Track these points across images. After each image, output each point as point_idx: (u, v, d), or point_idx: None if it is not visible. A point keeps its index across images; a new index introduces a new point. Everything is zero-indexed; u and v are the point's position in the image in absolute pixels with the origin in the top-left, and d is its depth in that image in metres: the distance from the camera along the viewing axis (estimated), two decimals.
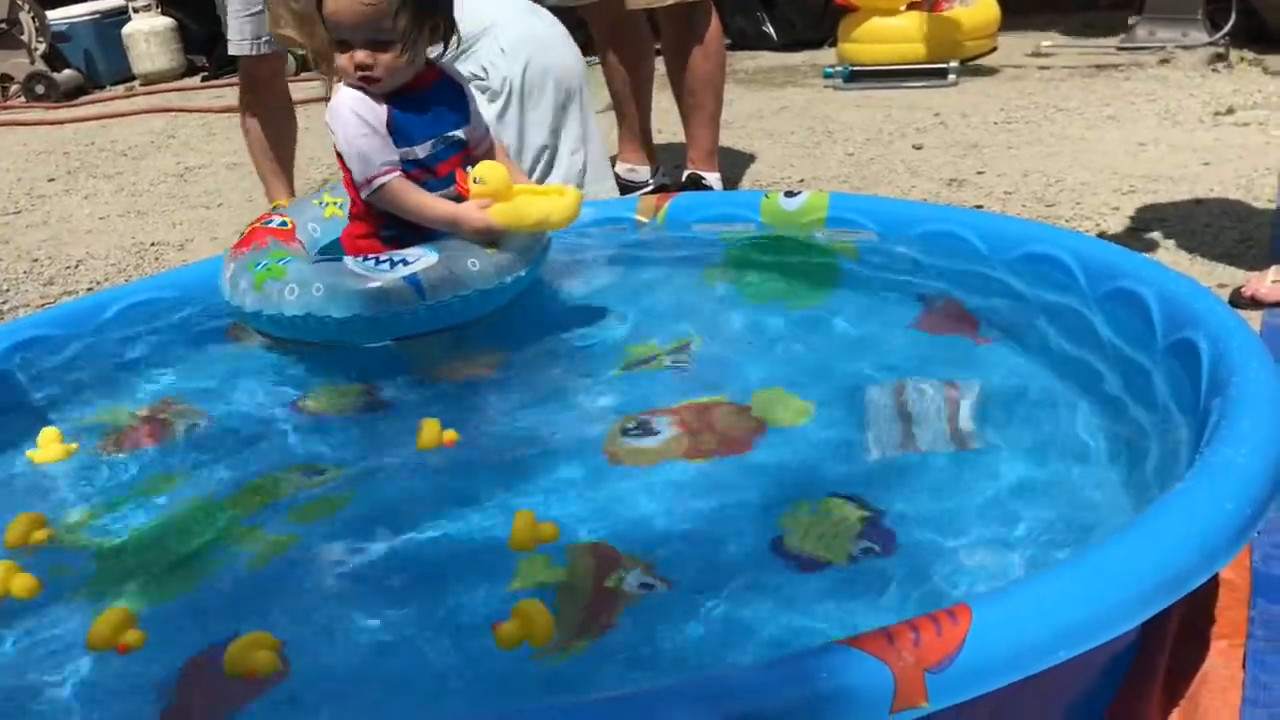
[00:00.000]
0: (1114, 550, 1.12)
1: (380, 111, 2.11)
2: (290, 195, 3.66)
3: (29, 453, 1.94)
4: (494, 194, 2.10)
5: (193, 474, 1.84)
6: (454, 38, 2.22)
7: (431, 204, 2.14)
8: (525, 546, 1.51)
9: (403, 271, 2.02)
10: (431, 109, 2.17)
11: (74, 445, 1.95)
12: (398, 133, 2.13)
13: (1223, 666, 1.37)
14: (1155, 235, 3.02)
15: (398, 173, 2.12)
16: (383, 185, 2.11)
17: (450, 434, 1.84)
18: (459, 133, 2.21)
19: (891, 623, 1.02)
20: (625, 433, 1.81)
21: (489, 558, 1.51)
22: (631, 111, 3.73)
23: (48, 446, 1.94)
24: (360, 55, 2.07)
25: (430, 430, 1.84)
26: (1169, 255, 2.85)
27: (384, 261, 2.05)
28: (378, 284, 2.02)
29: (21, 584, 1.54)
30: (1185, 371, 1.55)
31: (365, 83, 2.10)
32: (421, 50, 2.13)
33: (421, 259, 2.05)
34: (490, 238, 2.11)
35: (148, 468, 1.88)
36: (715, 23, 3.50)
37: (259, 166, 3.60)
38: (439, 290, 2.03)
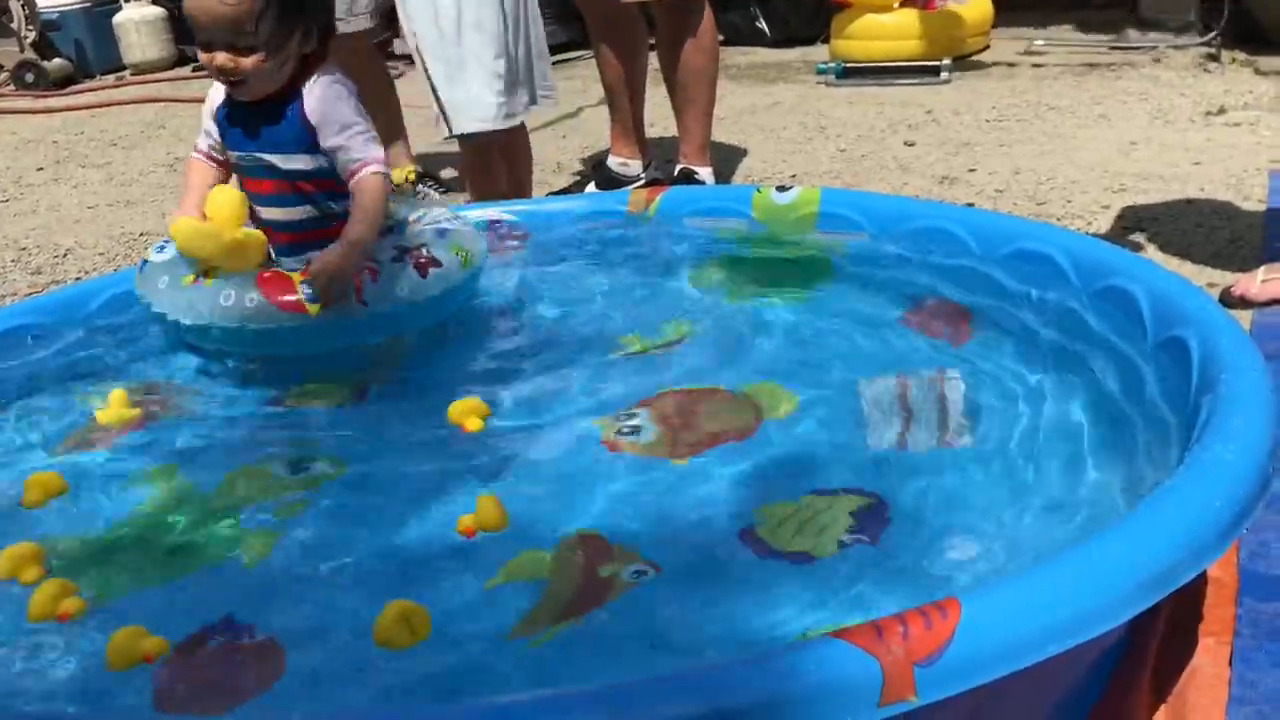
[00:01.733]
0: (1103, 546, 1.12)
1: (216, 100, 2.09)
2: None
3: (98, 412, 1.95)
4: (211, 218, 2.01)
5: (179, 465, 1.83)
6: (327, 41, 2.06)
7: (182, 197, 2.13)
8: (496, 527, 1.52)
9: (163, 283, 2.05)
10: (257, 123, 2.04)
11: (138, 410, 1.98)
12: (217, 125, 2.09)
13: (1210, 664, 1.38)
14: (1145, 234, 3.02)
15: (194, 154, 2.13)
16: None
17: (477, 421, 1.83)
18: (270, 158, 2.04)
19: (880, 616, 1.02)
20: (618, 426, 1.81)
21: (476, 549, 1.51)
22: (624, 105, 3.72)
23: (114, 408, 1.97)
24: (220, 58, 1.95)
25: (462, 407, 1.84)
26: (1159, 254, 2.85)
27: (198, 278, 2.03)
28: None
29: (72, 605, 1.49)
30: (1175, 369, 1.55)
31: (230, 87, 2.01)
32: (291, 55, 1.99)
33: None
34: (189, 254, 2.01)
35: (133, 458, 1.87)
36: (708, 16, 3.50)
37: None
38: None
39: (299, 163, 2.03)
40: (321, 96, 2.01)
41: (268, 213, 2.07)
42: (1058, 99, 4.76)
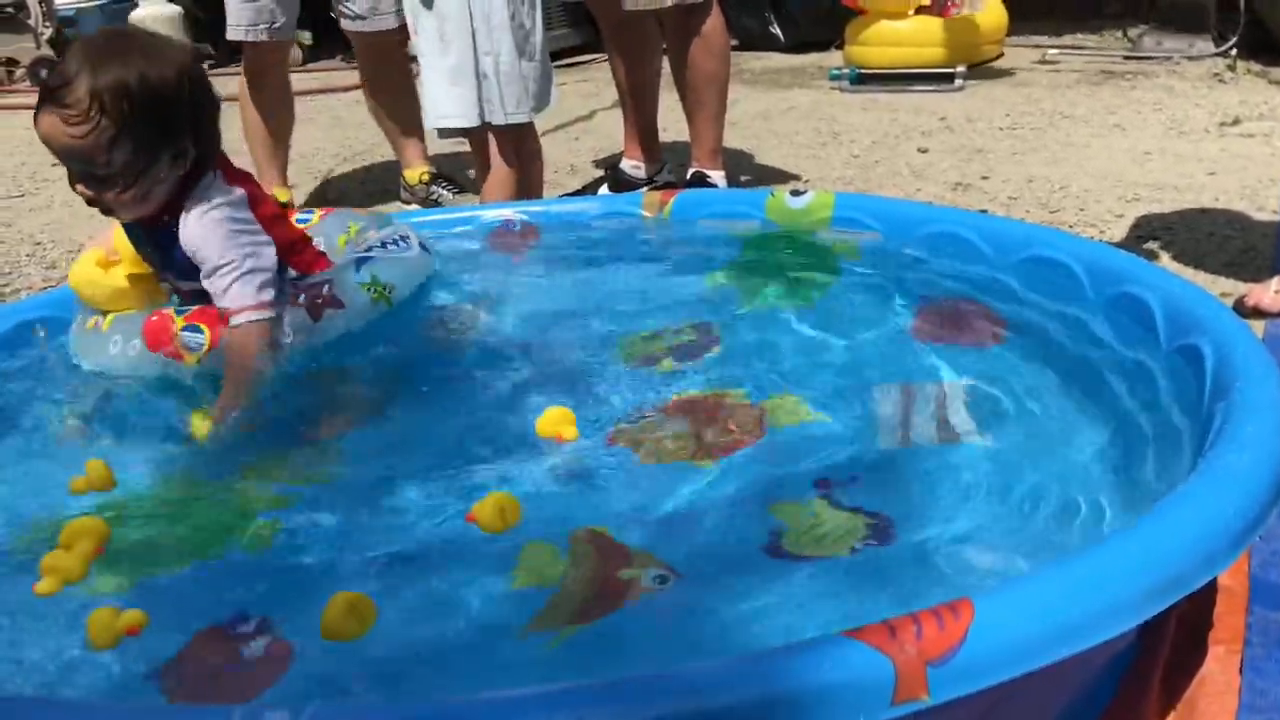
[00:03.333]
0: (1116, 549, 1.12)
1: None
2: (283, 184, 3.72)
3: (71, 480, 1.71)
4: (118, 251, 1.98)
5: (181, 457, 1.84)
6: (212, 156, 1.85)
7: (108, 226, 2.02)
8: (493, 527, 1.49)
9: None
10: (153, 242, 1.90)
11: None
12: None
13: (1220, 672, 1.38)
14: (1159, 243, 3.02)
15: None
16: None
17: (571, 430, 1.76)
18: (171, 279, 1.93)
19: (893, 616, 1.02)
20: (632, 430, 1.81)
21: (491, 548, 1.51)
22: (638, 108, 3.73)
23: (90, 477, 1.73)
24: (80, 189, 1.78)
25: (554, 417, 1.77)
26: (1172, 263, 2.85)
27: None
28: None
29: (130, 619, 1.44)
30: (1189, 376, 1.55)
31: (103, 213, 1.84)
32: (161, 180, 1.79)
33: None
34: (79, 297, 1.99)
35: (135, 451, 1.88)
36: (718, 20, 3.50)
37: (253, 153, 3.65)
38: None
39: (198, 285, 1.86)
40: (193, 232, 1.81)
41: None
42: (1072, 107, 4.76)
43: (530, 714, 0.92)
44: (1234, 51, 5.41)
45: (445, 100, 2.95)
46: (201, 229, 1.80)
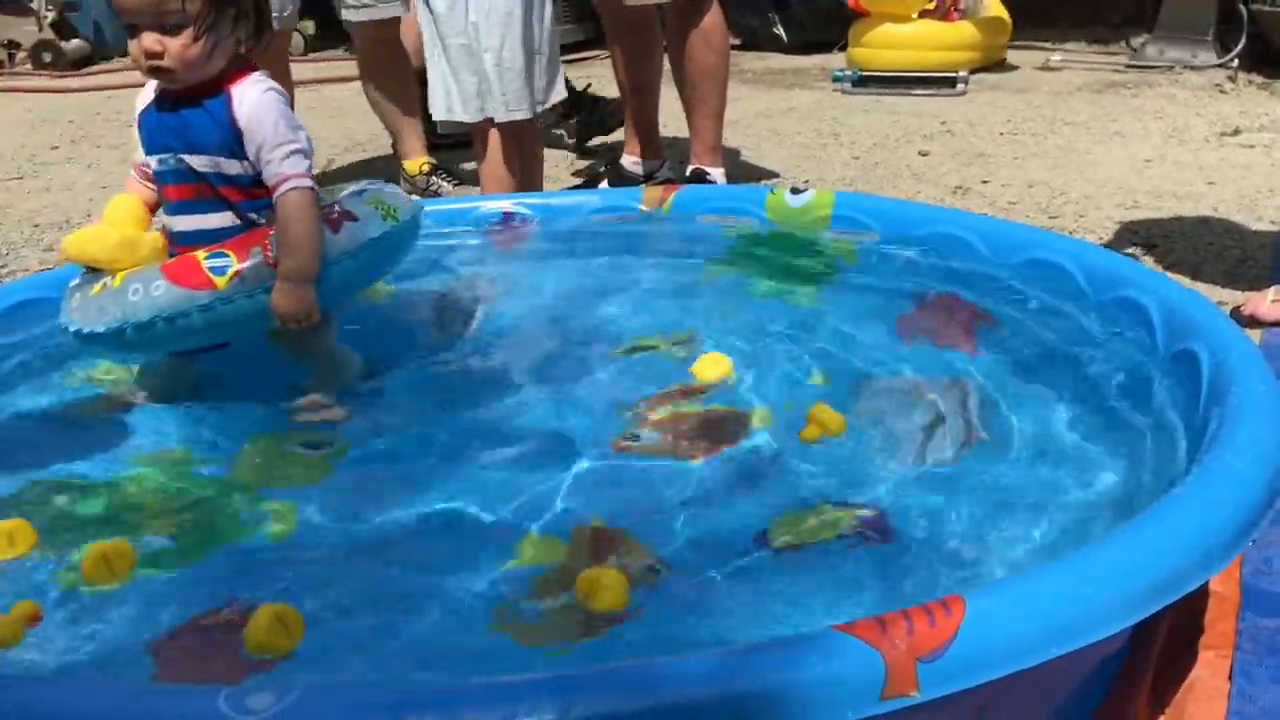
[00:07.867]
0: (1110, 550, 1.12)
1: (141, 103, 1.95)
2: None
3: None
4: (107, 221, 1.94)
5: (187, 440, 1.84)
6: (266, 33, 1.95)
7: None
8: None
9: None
10: (180, 120, 1.89)
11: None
12: (140, 131, 1.95)
13: (1209, 677, 1.38)
14: (1157, 251, 3.03)
15: (131, 171, 2.00)
16: None
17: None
18: (190, 159, 1.90)
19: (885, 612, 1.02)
20: (625, 425, 1.81)
21: (483, 539, 1.51)
22: (639, 104, 3.73)
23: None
24: (148, 40, 1.81)
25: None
26: (1170, 271, 2.85)
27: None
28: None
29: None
30: (1185, 380, 1.55)
31: (156, 75, 1.85)
32: (223, 41, 1.86)
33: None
34: (83, 261, 1.94)
35: (142, 432, 1.88)
36: (717, 15, 3.48)
37: None
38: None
39: (221, 166, 1.89)
40: (257, 103, 1.88)
41: (185, 222, 1.93)
42: (1073, 114, 4.76)
43: (522, 700, 0.92)
44: (1236, 63, 5.42)
45: (447, 94, 2.95)
46: (263, 103, 1.89)
